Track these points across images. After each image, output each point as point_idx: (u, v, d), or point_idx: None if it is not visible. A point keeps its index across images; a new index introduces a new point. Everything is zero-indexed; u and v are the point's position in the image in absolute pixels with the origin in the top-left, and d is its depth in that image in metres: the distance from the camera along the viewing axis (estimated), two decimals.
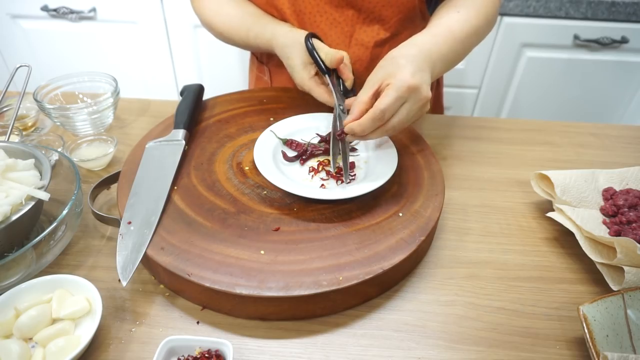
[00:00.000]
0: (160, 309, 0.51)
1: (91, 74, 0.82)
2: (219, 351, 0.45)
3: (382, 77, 0.57)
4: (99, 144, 0.74)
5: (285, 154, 0.65)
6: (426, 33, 0.64)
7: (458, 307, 0.52)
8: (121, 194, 0.59)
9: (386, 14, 0.77)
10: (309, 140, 0.68)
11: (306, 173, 0.63)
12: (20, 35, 1.57)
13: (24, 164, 0.57)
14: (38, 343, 0.46)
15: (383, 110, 0.54)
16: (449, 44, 0.64)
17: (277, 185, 0.58)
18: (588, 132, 0.85)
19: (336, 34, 0.79)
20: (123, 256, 0.51)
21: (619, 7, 1.32)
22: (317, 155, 0.66)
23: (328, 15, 0.78)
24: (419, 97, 0.56)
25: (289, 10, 0.78)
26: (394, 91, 0.54)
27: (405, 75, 0.54)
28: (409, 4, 0.77)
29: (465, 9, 0.69)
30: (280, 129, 0.69)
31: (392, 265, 0.51)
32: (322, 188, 0.60)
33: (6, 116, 0.79)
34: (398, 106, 0.55)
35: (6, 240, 0.53)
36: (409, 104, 0.56)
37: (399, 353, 0.48)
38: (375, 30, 0.79)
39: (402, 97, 0.54)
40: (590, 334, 0.45)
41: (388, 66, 0.57)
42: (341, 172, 0.61)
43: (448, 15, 0.68)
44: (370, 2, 0.75)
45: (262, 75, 0.94)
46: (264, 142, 0.66)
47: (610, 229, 0.59)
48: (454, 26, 0.66)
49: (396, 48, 0.61)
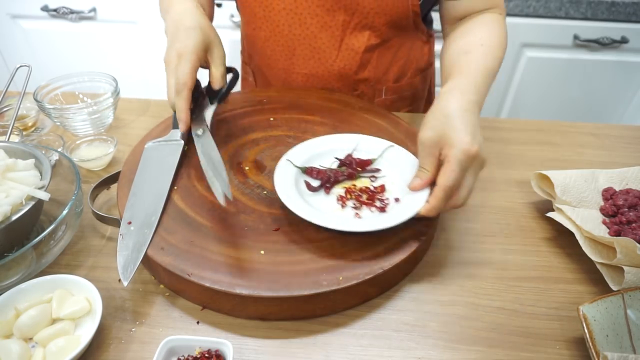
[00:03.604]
0: (161, 309, 0.51)
1: (91, 74, 0.82)
2: (219, 351, 0.45)
3: (437, 141, 0.54)
4: (99, 144, 0.74)
5: (309, 184, 0.60)
6: (465, 75, 0.61)
7: (458, 307, 0.52)
8: (121, 194, 0.59)
9: (378, 20, 0.77)
10: (328, 165, 0.64)
11: (334, 202, 0.59)
12: (20, 35, 1.57)
13: (24, 164, 0.57)
14: (38, 343, 0.46)
15: (452, 187, 0.52)
16: (486, 82, 0.62)
17: (318, 223, 0.53)
18: (588, 132, 0.85)
19: (326, 37, 0.79)
20: (124, 256, 0.51)
21: (619, 7, 1.32)
22: (341, 181, 0.61)
23: (319, 18, 0.77)
24: (480, 162, 0.53)
25: (279, 7, 0.77)
26: (457, 165, 0.51)
27: (464, 142, 0.51)
28: (401, 13, 0.77)
29: (488, 39, 0.67)
30: (296, 157, 0.63)
31: (392, 265, 0.51)
32: (357, 218, 0.56)
33: (6, 116, 0.79)
34: (463, 176, 0.53)
35: (6, 240, 0.53)
36: (472, 170, 0.53)
37: (399, 353, 0.48)
38: (366, 36, 0.79)
39: (465, 168, 0.52)
40: (590, 334, 0.45)
41: (442, 128, 0.54)
42: (372, 197, 0.58)
43: (475, 50, 0.65)
44: (363, 8, 0.75)
45: (247, 76, 0.94)
46: (283, 173, 0.60)
47: (610, 229, 0.59)
48: (488, 63, 0.64)
49: (442, 99, 0.57)
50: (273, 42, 0.82)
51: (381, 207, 0.57)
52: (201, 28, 0.65)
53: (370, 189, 0.60)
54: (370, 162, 0.63)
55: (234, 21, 1.46)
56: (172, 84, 0.63)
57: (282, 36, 0.80)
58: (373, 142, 0.66)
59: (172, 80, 0.63)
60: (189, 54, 0.62)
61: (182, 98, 0.62)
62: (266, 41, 0.82)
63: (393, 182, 0.61)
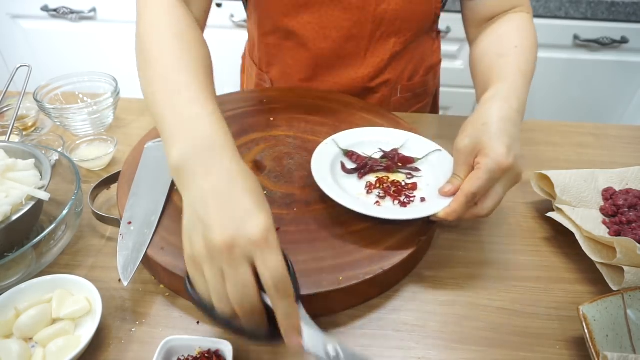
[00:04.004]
0: (161, 309, 0.51)
1: (91, 74, 0.82)
2: (219, 351, 0.45)
3: (473, 149, 0.53)
4: (99, 144, 0.74)
5: (344, 165, 0.63)
6: (504, 80, 0.59)
7: (458, 307, 0.52)
8: (121, 194, 0.59)
9: (405, 27, 0.77)
10: (370, 154, 0.65)
11: (362, 187, 0.60)
12: (20, 35, 1.57)
13: (24, 164, 0.57)
14: (38, 343, 0.46)
15: (475, 193, 0.51)
16: (525, 86, 0.60)
17: (333, 197, 0.55)
18: (588, 132, 0.85)
19: (352, 48, 0.78)
20: (124, 256, 0.51)
21: (619, 7, 1.32)
22: (377, 171, 0.63)
23: (346, 30, 0.76)
24: (513, 175, 0.52)
25: (304, 20, 0.75)
26: (486, 174, 0.50)
27: (498, 154, 0.50)
28: (427, 18, 0.77)
29: (520, 40, 0.65)
30: (342, 139, 0.66)
31: (392, 265, 0.51)
32: (376, 205, 0.57)
33: (6, 116, 0.79)
34: (490, 187, 0.51)
35: (6, 240, 0.53)
36: (504, 183, 0.52)
37: (399, 353, 0.48)
38: (391, 44, 0.79)
39: (494, 179, 0.51)
40: (590, 334, 0.45)
41: (478, 136, 0.53)
42: (399, 191, 0.59)
43: (510, 52, 0.63)
44: (391, 17, 0.74)
45: (263, 83, 0.92)
46: (323, 151, 0.63)
47: (610, 229, 0.59)
48: (525, 66, 0.62)
49: (484, 107, 0.55)
50: (296, 53, 0.81)
51: (404, 202, 0.57)
52: (267, 209, 0.41)
53: (402, 184, 0.60)
54: (413, 161, 0.64)
55: (233, 21, 1.46)
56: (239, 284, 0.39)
57: (307, 49, 0.79)
58: (422, 142, 0.66)
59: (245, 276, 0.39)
60: (275, 240, 0.40)
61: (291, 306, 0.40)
62: (289, 51, 0.82)
63: (428, 183, 0.61)
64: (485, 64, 0.65)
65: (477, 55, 0.69)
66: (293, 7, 0.75)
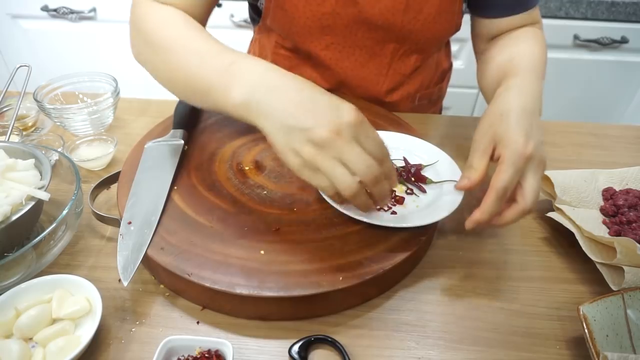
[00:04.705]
0: (161, 309, 0.51)
1: (91, 74, 0.82)
2: (219, 351, 0.45)
3: (492, 139, 0.53)
4: (99, 144, 0.74)
5: None
6: (521, 75, 0.60)
7: (458, 307, 0.52)
8: (121, 194, 0.59)
9: (428, 44, 0.77)
10: None
11: None
12: (20, 35, 1.57)
13: (24, 164, 0.57)
14: (38, 343, 0.46)
15: (505, 188, 0.50)
16: (540, 84, 0.61)
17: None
18: (588, 132, 0.85)
19: (374, 65, 0.79)
20: (124, 256, 0.51)
21: (619, 7, 1.32)
22: None
23: (368, 49, 0.76)
24: (536, 162, 0.52)
25: (326, 42, 0.75)
26: (510, 166, 0.50)
27: (517, 142, 0.50)
28: (450, 33, 0.77)
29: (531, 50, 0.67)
30: None
31: (392, 265, 0.51)
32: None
33: (6, 116, 0.79)
34: (517, 178, 0.51)
35: (6, 240, 0.53)
36: (531, 172, 0.51)
37: (399, 353, 0.48)
38: (412, 60, 0.79)
39: (519, 169, 0.51)
40: (590, 334, 0.45)
41: (497, 124, 0.53)
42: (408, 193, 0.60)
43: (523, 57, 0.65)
44: (415, 36, 0.74)
45: None
46: None
47: (610, 229, 0.59)
48: (539, 68, 0.64)
49: (500, 97, 0.56)
50: (315, 70, 0.81)
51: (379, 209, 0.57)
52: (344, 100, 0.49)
53: (395, 192, 0.60)
54: (425, 181, 0.62)
55: (233, 21, 1.46)
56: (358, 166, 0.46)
57: (326, 67, 0.79)
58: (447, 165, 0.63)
59: (357, 158, 0.46)
60: (365, 118, 0.47)
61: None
62: (307, 68, 0.82)
63: (418, 205, 0.59)
64: (498, 69, 0.67)
65: (486, 65, 0.72)
66: (317, 30, 0.74)
